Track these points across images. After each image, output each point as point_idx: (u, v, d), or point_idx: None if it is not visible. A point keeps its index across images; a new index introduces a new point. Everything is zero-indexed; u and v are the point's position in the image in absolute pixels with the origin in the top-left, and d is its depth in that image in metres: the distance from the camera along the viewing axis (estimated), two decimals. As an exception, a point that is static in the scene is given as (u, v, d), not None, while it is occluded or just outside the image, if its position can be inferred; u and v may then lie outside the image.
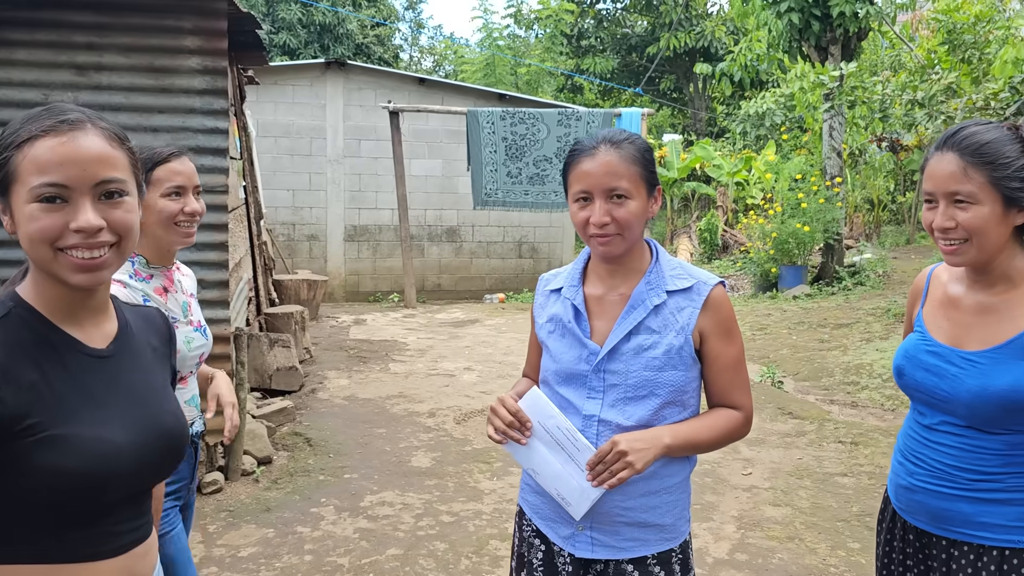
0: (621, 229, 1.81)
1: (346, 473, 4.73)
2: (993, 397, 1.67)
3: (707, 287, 1.88)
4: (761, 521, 4.18)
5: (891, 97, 8.57)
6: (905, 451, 1.89)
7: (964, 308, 1.81)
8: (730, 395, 1.91)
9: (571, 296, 1.93)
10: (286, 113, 11.60)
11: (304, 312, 7.34)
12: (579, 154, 1.83)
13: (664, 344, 1.84)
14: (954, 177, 1.68)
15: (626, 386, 1.85)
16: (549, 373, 1.94)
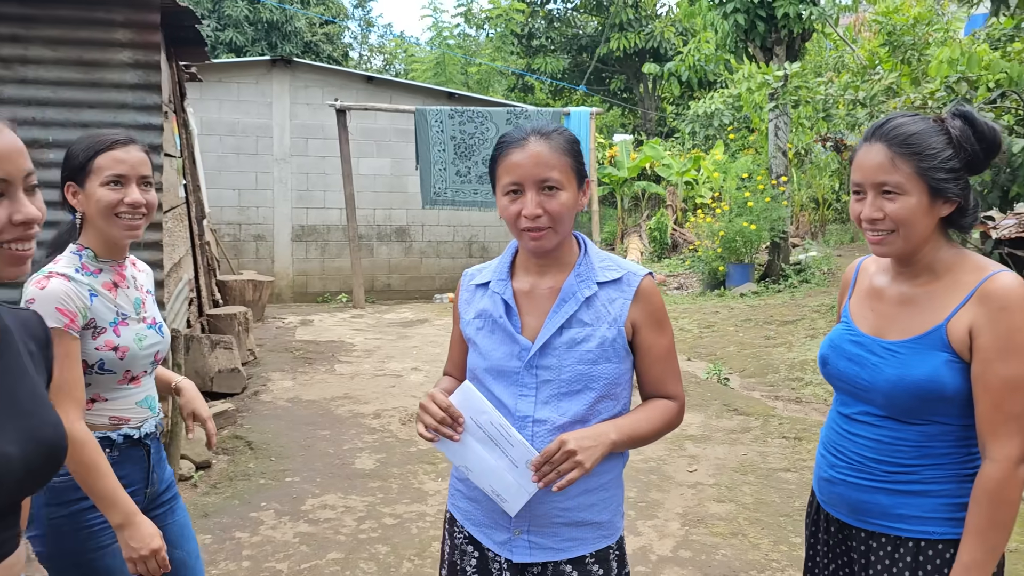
0: (553, 222, 1.78)
1: (288, 476, 4.63)
2: (910, 386, 1.68)
3: (637, 278, 1.87)
4: (705, 517, 4.20)
5: (834, 97, 8.71)
6: (827, 443, 1.89)
7: (888, 299, 1.82)
8: (663, 385, 1.90)
9: (500, 290, 1.89)
10: (231, 111, 11.38)
11: (248, 313, 7.19)
12: (508, 146, 1.79)
13: (597, 336, 1.82)
14: (882, 168, 1.69)
15: (560, 381, 1.82)
16: (478, 370, 1.90)
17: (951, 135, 1.68)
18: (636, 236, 16.51)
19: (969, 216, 1.74)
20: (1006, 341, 1.61)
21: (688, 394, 6.34)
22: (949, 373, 1.66)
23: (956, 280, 1.71)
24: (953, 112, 1.71)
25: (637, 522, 4.15)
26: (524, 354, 1.83)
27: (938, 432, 1.71)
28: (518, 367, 1.84)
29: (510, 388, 1.85)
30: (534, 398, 1.83)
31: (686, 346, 8.23)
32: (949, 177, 1.66)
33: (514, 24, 20.79)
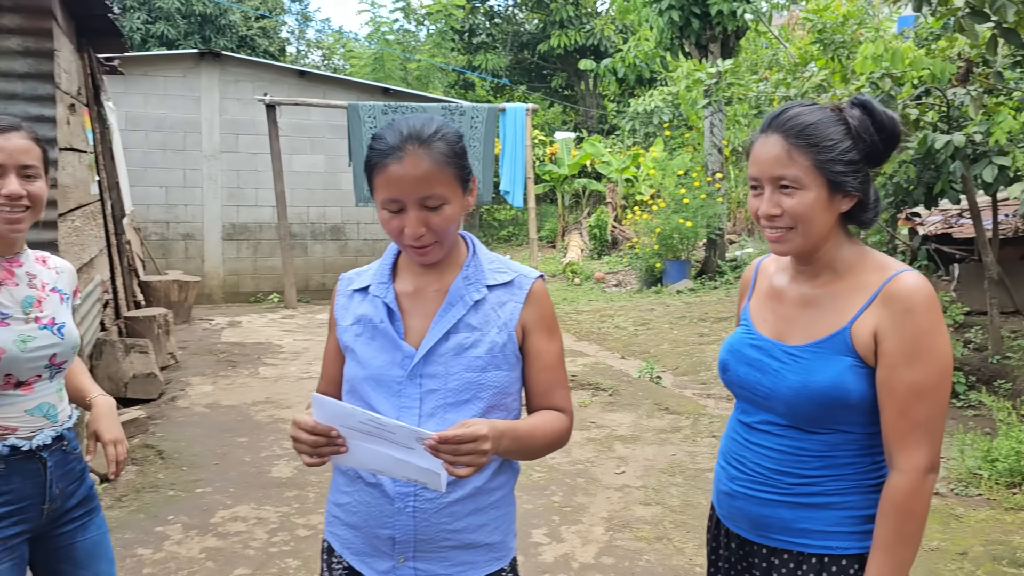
0: (439, 236, 1.66)
1: (199, 487, 4.42)
2: (814, 394, 1.58)
3: (528, 280, 1.76)
4: (631, 522, 4.11)
5: (766, 94, 8.75)
6: (727, 454, 1.78)
7: (788, 300, 1.71)
8: (552, 396, 1.78)
9: (381, 294, 1.75)
10: (158, 106, 10.99)
11: (168, 315, 6.90)
12: (384, 156, 1.62)
13: (487, 342, 1.70)
14: (778, 161, 1.59)
15: (446, 391, 1.68)
16: (357, 381, 1.75)
17: (849, 125, 1.59)
18: (576, 233, 16.49)
19: (870, 211, 1.64)
20: (911, 345, 1.52)
21: (620, 394, 6.28)
22: (854, 379, 1.56)
23: (859, 280, 1.62)
24: (852, 101, 1.62)
25: (561, 528, 4.04)
26: (407, 362, 1.70)
27: (841, 441, 1.61)
28: (400, 376, 1.70)
29: (391, 399, 1.70)
30: (418, 410, 1.68)
31: (620, 344, 8.18)
32: (848, 170, 1.57)
33: (454, 20, 20.61)
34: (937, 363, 1.53)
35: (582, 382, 6.53)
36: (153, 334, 6.64)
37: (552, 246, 17.36)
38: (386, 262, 1.81)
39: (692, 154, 14.90)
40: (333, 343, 1.86)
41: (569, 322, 9.30)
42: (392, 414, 1.69)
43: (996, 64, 5.62)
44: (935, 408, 1.54)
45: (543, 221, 18.25)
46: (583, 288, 12.11)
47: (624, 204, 16.76)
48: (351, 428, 1.59)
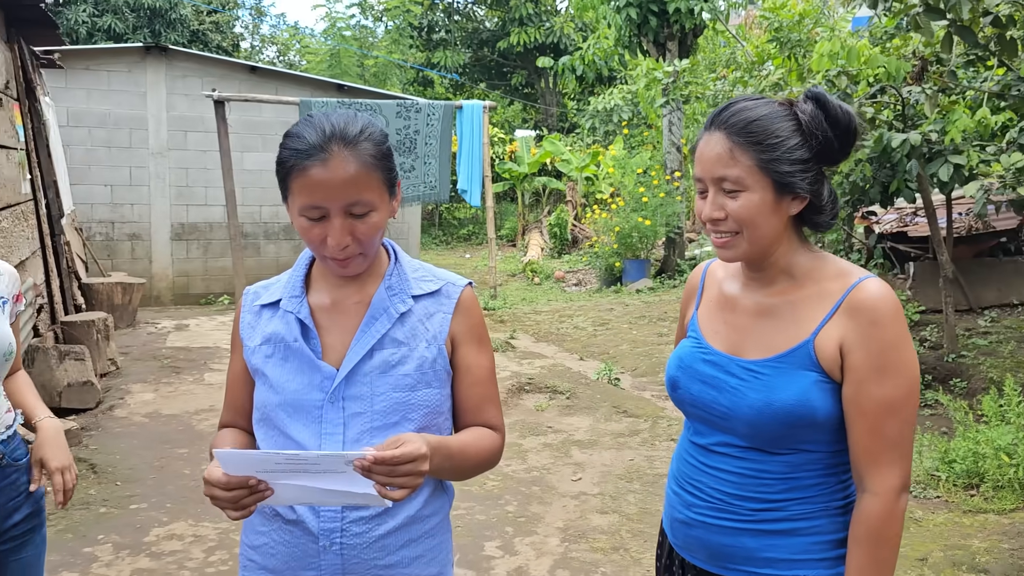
0: (365, 247, 1.50)
1: (134, 503, 4.19)
2: (778, 412, 1.45)
3: (457, 289, 1.62)
4: (587, 532, 3.98)
5: (724, 93, 8.70)
6: (680, 479, 1.64)
7: (742, 310, 1.58)
8: (483, 412, 1.63)
9: (294, 309, 1.58)
10: (101, 101, 10.61)
11: (108, 320, 6.62)
12: (305, 157, 1.44)
13: (415, 357, 1.55)
14: (720, 160, 1.45)
15: (373, 413, 1.53)
16: (270, 408, 1.57)
17: (799, 120, 1.45)
18: (537, 232, 16.38)
19: (825, 214, 1.51)
20: (880, 359, 1.41)
21: (577, 396, 6.16)
22: (819, 395, 1.44)
23: (819, 288, 1.49)
24: (805, 94, 1.48)
25: (515, 539, 3.90)
26: (327, 383, 1.53)
27: (804, 461, 1.49)
28: (320, 400, 1.53)
29: (311, 426, 1.53)
30: (342, 436, 1.52)
31: (579, 345, 8.07)
32: (796, 169, 1.44)
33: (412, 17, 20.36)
34: (907, 376, 1.43)
35: (539, 385, 6.40)
36: (92, 340, 6.36)
37: (512, 245, 17.23)
38: (298, 273, 1.63)
39: (651, 152, 14.86)
40: (238, 366, 1.67)
41: (528, 322, 9.16)
42: (313, 442, 1.53)
43: (950, 63, 5.61)
44: (906, 424, 1.43)
45: (503, 220, 18.11)
46: (543, 287, 11.99)
47: (584, 202, 16.69)
48: (269, 472, 1.43)
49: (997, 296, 7.75)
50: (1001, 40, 4.90)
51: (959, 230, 7.48)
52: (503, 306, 10.14)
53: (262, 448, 1.61)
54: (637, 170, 12.51)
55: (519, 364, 7.11)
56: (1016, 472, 4.09)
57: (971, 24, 4.67)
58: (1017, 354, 6.09)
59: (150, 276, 10.86)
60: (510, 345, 7.84)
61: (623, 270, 11.30)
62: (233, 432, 1.68)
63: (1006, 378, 4.65)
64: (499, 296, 10.72)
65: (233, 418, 1.70)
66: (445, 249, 17.79)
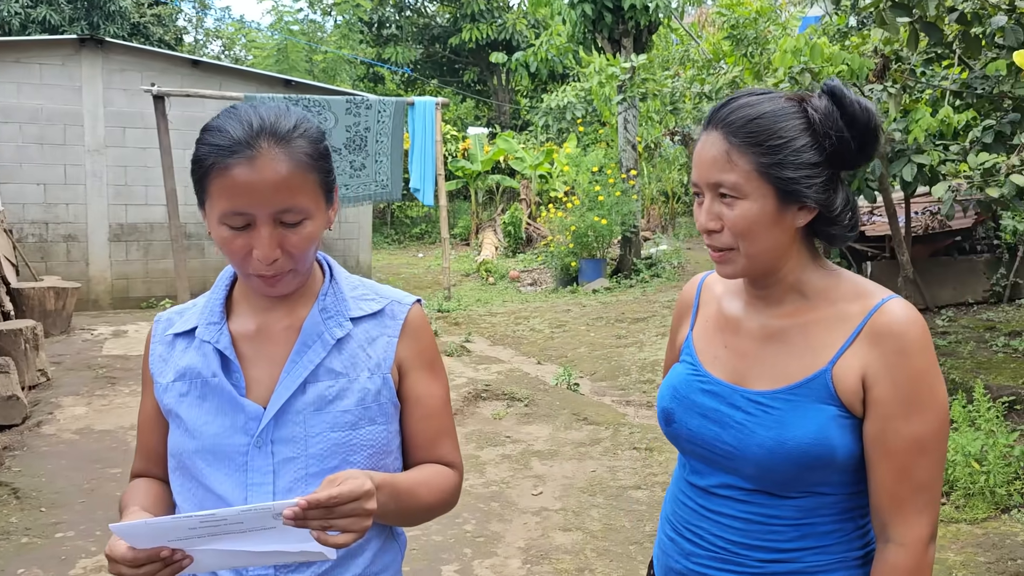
0: (296, 262, 1.27)
1: (59, 531, 3.86)
2: (792, 452, 1.26)
3: (403, 308, 1.40)
4: (549, 551, 3.77)
5: (680, 91, 8.58)
6: (677, 523, 1.45)
7: (746, 333, 1.39)
8: (438, 447, 1.42)
9: (212, 338, 1.34)
10: (33, 96, 10.09)
11: (37, 328, 6.22)
12: (228, 154, 1.20)
13: (356, 390, 1.33)
14: (717, 164, 1.28)
15: (307, 457, 1.30)
16: (186, 455, 1.33)
17: (810, 118, 1.27)
18: (491, 231, 16.15)
19: (840, 225, 1.32)
20: (909, 392, 1.23)
21: (536, 403, 5.95)
22: (839, 432, 1.27)
23: (835, 310, 1.31)
24: (822, 88, 1.29)
25: (474, 562, 3.67)
26: (253, 425, 1.30)
27: (818, 505, 1.31)
28: (244, 444, 1.30)
29: (235, 475, 1.30)
30: (271, 486, 1.29)
31: (536, 348, 7.86)
32: (803, 175, 1.25)
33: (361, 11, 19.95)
34: (937, 411, 1.25)
35: (496, 392, 6.18)
36: (19, 349, 5.96)
37: (466, 244, 16.98)
38: (217, 295, 1.39)
39: (606, 150, 14.74)
40: (150, 406, 1.42)
41: (483, 325, 8.94)
42: (238, 494, 1.29)
43: (911, 61, 5.53)
44: (936, 465, 1.25)
45: (457, 218, 17.84)
46: (498, 288, 11.77)
47: (539, 201, 16.50)
48: (183, 538, 1.18)
49: (952, 295, 7.76)
50: (965, 37, 4.82)
51: (916, 229, 7.46)
52: (457, 307, 9.90)
53: (179, 502, 1.37)
54: (592, 168, 12.36)
55: (475, 370, 6.88)
56: (987, 480, 3.99)
57: (936, 21, 4.58)
58: (976, 354, 6.05)
59: (87, 279, 10.38)
60: (465, 349, 7.60)
61: (579, 270, 11.14)
62: (147, 484, 1.43)
63: (975, 383, 4.57)
64: (453, 297, 10.48)
65: (146, 466, 1.46)
66: (398, 248, 17.46)
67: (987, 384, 5.05)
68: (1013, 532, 3.71)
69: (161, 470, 1.43)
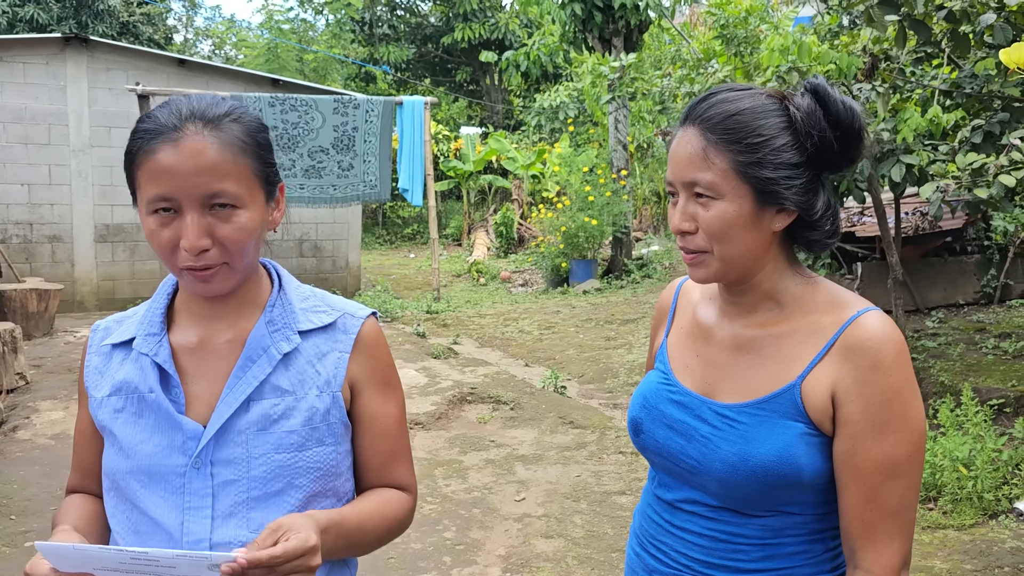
0: (230, 255, 1.19)
1: (28, 540, 3.78)
2: (756, 470, 1.20)
3: (356, 322, 1.32)
4: (530, 559, 3.70)
5: (670, 90, 8.52)
6: (644, 537, 1.39)
7: (717, 342, 1.33)
8: (392, 470, 1.35)
9: (150, 350, 1.26)
10: (16, 95, 9.99)
11: (15, 331, 6.13)
12: (152, 138, 1.15)
13: (303, 409, 1.26)
14: (692, 161, 1.22)
15: (250, 480, 1.22)
16: (120, 475, 1.25)
17: (791, 116, 1.21)
18: (483, 231, 16.08)
19: (820, 230, 1.25)
20: (881, 411, 1.16)
21: (522, 407, 5.88)
22: (806, 451, 1.20)
23: (809, 321, 1.25)
24: (804, 86, 1.23)
25: (452, 570, 3.60)
26: (191, 445, 1.22)
27: (785, 525, 1.25)
28: (182, 465, 1.22)
29: (171, 498, 1.22)
30: (210, 510, 1.22)
31: (524, 350, 7.79)
32: (782, 175, 1.20)
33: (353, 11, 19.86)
34: (912, 432, 1.18)
35: (482, 395, 6.10)
36: (-4, 353, 5.87)
37: (458, 244, 16.90)
38: (157, 304, 1.31)
39: (598, 150, 14.68)
40: (85, 420, 1.35)
41: (472, 326, 8.86)
42: (173, 518, 1.21)
43: (900, 60, 5.47)
44: (910, 489, 1.18)
45: (449, 219, 17.76)
46: (488, 289, 11.70)
47: (531, 201, 16.44)
48: (110, 569, 1.11)
49: (943, 296, 7.71)
50: (954, 35, 4.76)
51: (906, 230, 7.41)
52: (446, 309, 9.82)
53: (112, 524, 1.30)
54: (583, 168, 12.29)
55: (461, 372, 6.80)
56: (975, 485, 3.93)
57: (924, 19, 4.52)
58: (966, 357, 5.99)
59: (72, 280, 10.28)
60: (452, 351, 7.53)
61: (570, 270, 11.07)
62: (81, 501, 1.36)
63: (963, 386, 4.50)
64: (443, 298, 10.40)
65: (81, 482, 1.38)
66: (389, 249, 17.38)
67: (976, 387, 5.00)
68: (1000, 539, 3.64)
69: (97, 486, 1.36)
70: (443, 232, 17.29)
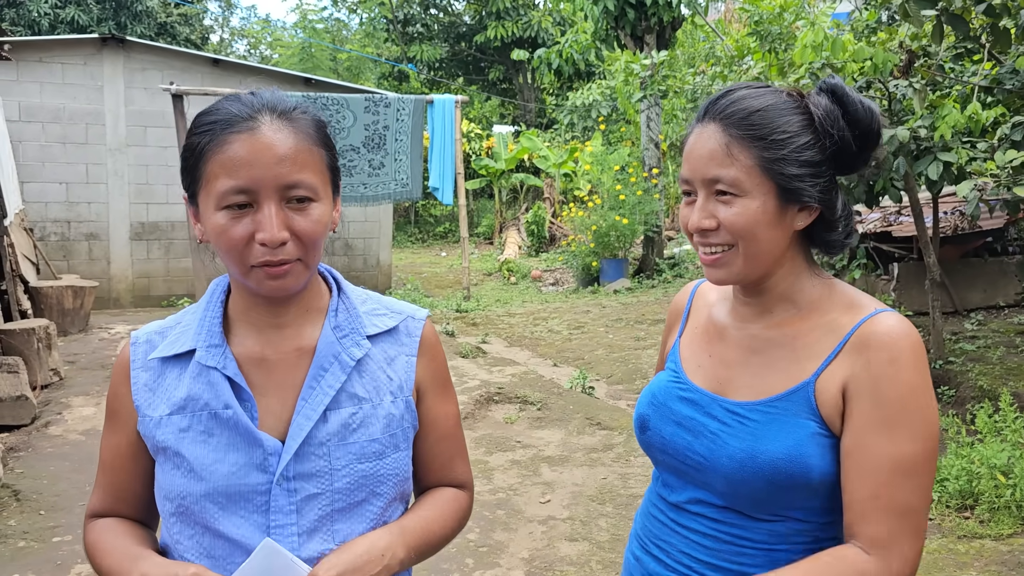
0: (304, 250, 1.15)
1: (57, 535, 3.82)
2: (764, 467, 1.18)
3: (418, 324, 1.31)
4: (554, 562, 3.66)
5: (702, 87, 8.41)
6: (645, 538, 1.36)
7: (732, 342, 1.32)
8: (452, 470, 1.36)
9: (218, 363, 1.19)
10: (55, 95, 10.16)
11: (50, 327, 6.22)
12: (225, 128, 1.11)
13: (381, 417, 1.23)
14: (714, 157, 1.19)
15: (333, 493, 1.19)
16: (193, 499, 1.18)
17: (811, 115, 1.19)
18: (514, 230, 16.06)
19: (838, 231, 1.25)
20: (894, 407, 1.13)
21: (549, 407, 5.84)
22: (817, 451, 1.18)
23: (825, 321, 1.23)
24: (820, 86, 1.22)
25: (475, 573, 3.57)
26: (272, 461, 1.17)
27: (790, 532, 1.22)
28: (264, 483, 1.17)
29: (253, 518, 1.17)
30: (295, 526, 1.18)
31: (553, 350, 7.74)
32: (805, 173, 1.19)
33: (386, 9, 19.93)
34: (925, 430, 1.15)
35: (509, 395, 6.07)
36: (32, 349, 5.96)
37: (490, 243, 16.89)
38: (213, 312, 1.24)
39: (630, 149, 14.57)
40: (121, 441, 1.27)
41: (501, 325, 8.83)
42: (257, 539, 1.16)
43: (938, 56, 5.33)
44: (921, 491, 1.14)
45: (481, 217, 17.76)
46: (519, 288, 11.66)
47: (563, 199, 16.38)
48: None
49: (983, 298, 7.52)
50: (994, 30, 4.62)
51: (944, 230, 7.23)
52: (476, 308, 9.80)
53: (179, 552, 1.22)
54: (615, 167, 12.20)
55: (489, 372, 6.78)
56: (1013, 494, 3.81)
57: (963, 13, 4.39)
58: (1007, 360, 5.83)
59: (108, 277, 10.44)
60: (481, 351, 7.50)
61: (600, 270, 11.00)
62: (129, 527, 1.28)
63: (1002, 391, 4.37)
64: (472, 297, 10.39)
65: (113, 506, 1.29)
66: (421, 247, 17.43)
67: (1015, 391, 4.86)
68: (1040, 550, 3.53)
69: (133, 510, 1.29)
70: (475, 231, 17.30)
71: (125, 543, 1.23)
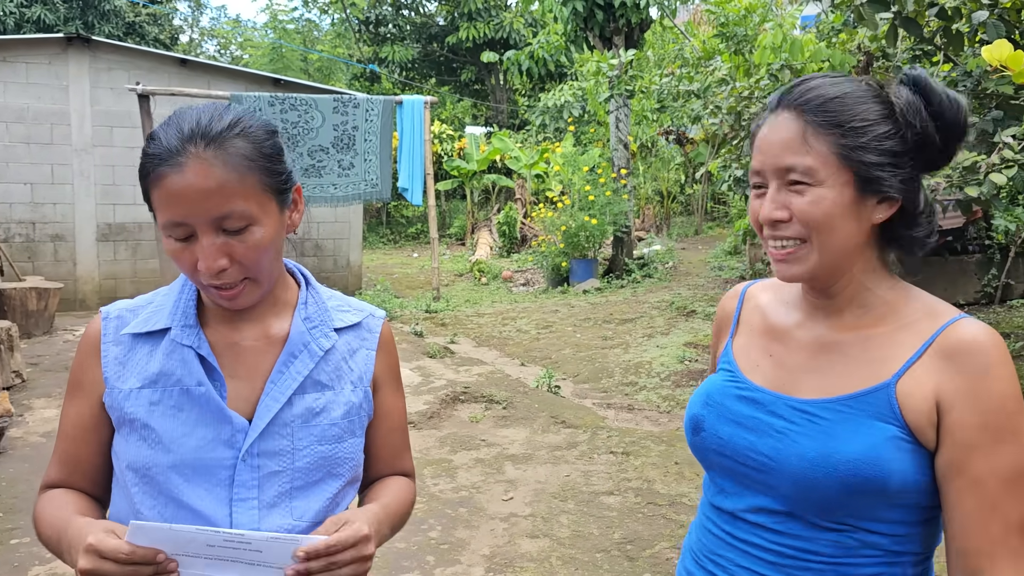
0: (251, 271, 1.20)
1: (15, 537, 3.79)
2: (838, 468, 1.11)
3: (378, 322, 1.42)
4: (514, 559, 3.69)
5: (669, 88, 8.49)
6: (699, 552, 1.29)
7: (796, 343, 1.25)
8: (401, 459, 1.47)
9: (192, 342, 1.27)
10: (19, 95, 10.03)
11: (12, 329, 6.15)
12: (159, 162, 1.15)
13: (341, 403, 1.33)
14: (789, 146, 1.14)
15: (294, 471, 1.27)
16: (158, 470, 1.24)
17: (891, 104, 1.15)
18: (486, 230, 16.07)
19: (920, 228, 1.18)
20: (997, 418, 1.08)
21: (515, 406, 5.87)
22: (896, 456, 1.10)
23: (901, 325, 1.17)
24: (901, 77, 1.17)
25: (435, 570, 3.59)
26: (240, 438, 1.25)
27: (860, 544, 1.14)
28: (230, 458, 1.24)
29: (217, 491, 1.24)
30: (256, 501, 1.25)
31: (521, 349, 7.78)
32: (886, 162, 1.13)
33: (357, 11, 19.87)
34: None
35: (475, 394, 6.09)
36: (-8, 351, 5.89)
37: (462, 244, 16.90)
38: (188, 296, 1.31)
39: (602, 149, 14.65)
40: (83, 412, 1.30)
41: (470, 326, 8.85)
42: (221, 511, 1.23)
43: (896, 58, 5.43)
44: None
45: (452, 218, 17.76)
46: (489, 288, 11.69)
47: (534, 200, 16.42)
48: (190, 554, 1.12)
49: (943, 296, 7.53)
50: (947, 33, 4.72)
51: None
52: (446, 308, 9.81)
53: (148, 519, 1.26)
54: (585, 168, 12.27)
55: (456, 372, 6.79)
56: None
57: (916, 16, 4.48)
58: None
59: (74, 279, 10.32)
60: (448, 351, 7.52)
61: (570, 270, 11.05)
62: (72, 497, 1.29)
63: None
64: (442, 298, 10.40)
65: (69, 478, 1.32)
66: (393, 248, 17.39)
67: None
68: None
69: (87, 482, 1.32)
70: (446, 231, 17.29)
71: (66, 513, 1.25)
